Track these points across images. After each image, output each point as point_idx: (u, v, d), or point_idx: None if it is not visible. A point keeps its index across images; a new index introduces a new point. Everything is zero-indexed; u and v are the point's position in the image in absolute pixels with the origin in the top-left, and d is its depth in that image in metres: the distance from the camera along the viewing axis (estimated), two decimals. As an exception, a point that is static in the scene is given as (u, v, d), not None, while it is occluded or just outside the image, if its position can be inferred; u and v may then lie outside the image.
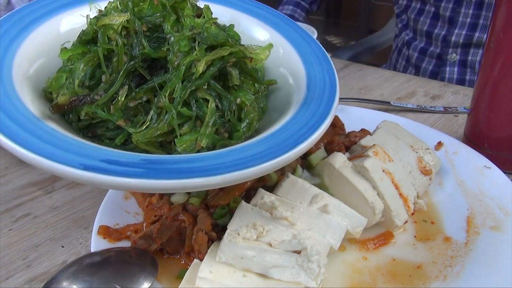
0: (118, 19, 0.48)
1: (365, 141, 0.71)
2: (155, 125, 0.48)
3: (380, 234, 0.64)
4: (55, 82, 0.49)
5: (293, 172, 0.66)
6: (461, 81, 1.36)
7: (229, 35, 0.53)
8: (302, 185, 0.61)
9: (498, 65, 0.71)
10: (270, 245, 0.54)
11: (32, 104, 0.45)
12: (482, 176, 0.70)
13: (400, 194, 0.65)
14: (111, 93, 0.47)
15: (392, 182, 0.65)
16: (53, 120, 0.46)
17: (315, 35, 1.12)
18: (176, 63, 0.48)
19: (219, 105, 0.51)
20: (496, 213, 0.63)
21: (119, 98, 0.48)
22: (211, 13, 0.54)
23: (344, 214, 0.60)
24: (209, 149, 0.49)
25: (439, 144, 0.80)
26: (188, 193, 0.65)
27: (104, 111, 0.48)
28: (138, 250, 0.60)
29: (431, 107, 1.03)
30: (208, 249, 0.57)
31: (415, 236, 0.64)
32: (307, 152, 0.69)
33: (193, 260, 0.57)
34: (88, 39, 0.50)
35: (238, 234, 0.54)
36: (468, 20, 1.28)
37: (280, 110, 0.54)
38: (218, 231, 0.60)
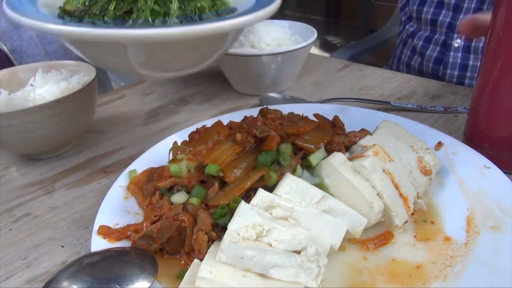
0: None
1: (365, 141, 0.71)
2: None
3: (380, 234, 0.64)
4: (66, 1, 0.64)
5: (293, 172, 0.66)
6: (464, 66, 1.36)
7: None
8: (302, 185, 0.61)
9: (498, 65, 0.71)
10: (270, 245, 0.54)
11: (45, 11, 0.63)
12: (482, 176, 0.70)
13: (400, 194, 0.65)
14: (102, 1, 0.60)
15: (392, 182, 0.65)
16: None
17: (315, 35, 1.12)
18: None
19: (182, 6, 0.60)
20: (496, 213, 0.63)
21: (109, 8, 0.59)
22: None
23: (344, 214, 0.60)
24: None
25: (439, 144, 0.80)
26: (188, 193, 0.65)
27: (100, 20, 0.59)
28: (138, 250, 0.60)
29: (431, 107, 1.03)
30: (208, 249, 0.57)
31: (415, 236, 0.64)
32: (307, 152, 0.69)
33: (193, 260, 0.57)
34: None
35: (238, 234, 0.54)
36: (473, 5, 1.29)
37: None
38: (218, 231, 0.61)
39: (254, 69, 1.09)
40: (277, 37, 1.14)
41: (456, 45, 1.36)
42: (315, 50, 1.20)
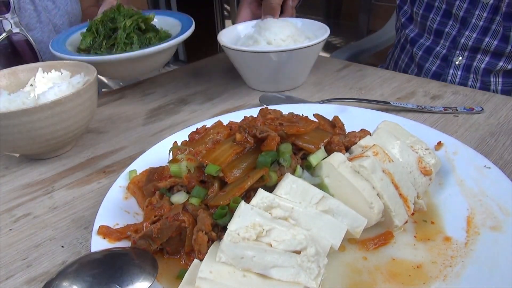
0: (97, 18, 1.18)
1: (365, 141, 0.71)
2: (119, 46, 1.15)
3: (380, 234, 0.64)
4: (81, 44, 1.18)
5: (293, 172, 0.66)
6: (462, 86, 1.34)
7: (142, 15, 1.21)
8: (302, 185, 0.61)
9: None
10: (270, 245, 0.54)
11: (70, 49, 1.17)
12: (482, 176, 0.70)
13: (400, 194, 0.65)
14: (98, 42, 1.16)
15: (392, 182, 0.65)
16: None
17: (327, 32, 1.14)
18: (121, 25, 1.15)
19: (140, 39, 1.16)
20: (496, 213, 0.63)
21: (102, 45, 1.15)
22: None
23: (344, 214, 0.60)
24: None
25: (439, 144, 0.80)
26: (188, 193, 0.65)
27: (99, 52, 1.16)
28: (138, 250, 0.60)
29: (431, 107, 1.03)
30: (208, 249, 0.57)
31: (415, 236, 0.64)
32: (307, 152, 0.69)
33: (193, 260, 0.57)
34: (90, 28, 1.18)
35: (238, 234, 0.54)
36: (481, 23, 1.24)
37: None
38: (218, 231, 0.61)
39: (274, 65, 1.10)
40: (291, 33, 1.15)
41: (457, 62, 1.32)
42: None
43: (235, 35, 1.26)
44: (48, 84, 0.96)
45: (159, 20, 1.26)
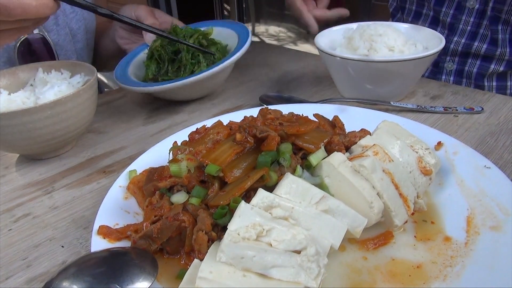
0: (155, 44, 1.17)
1: (365, 141, 0.71)
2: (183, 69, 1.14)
3: (380, 234, 0.64)
4: (146, 74, 1.17)
5: (293, 172, 0.66)
6: None
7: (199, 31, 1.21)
8: (302, 185, 0.61)
9: None
10: (270, 245, 0.54)
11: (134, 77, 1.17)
12: (482, 176, 0.70)
13: (400, 194, 0.65)
14: (164, 69, 1.15)
15: (392, 182, 0.65)
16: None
17: (443, 42, 1.00)
18: (183, 47, 1.14)
19: (203, 59, 1.15)
20: (496, 213, 0.63)
21: (169, 70, 1.14)
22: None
23: (344, 214, 0.60)
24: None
25: (439, 144, 0.80)
26: (188, 193, 0.65)
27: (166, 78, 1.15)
28: (138, 250, 0.60)
29: (431, 107, 1.03)
30: (208, 249, 0.57)
31: (415, 236, 0.64)
32: (307, 152, 0.69)
33: (193, 260, 0.57)
34: (151, 55, 1.17)
35: (238, 234, 0.54)
36: (469, 28, 1.25)
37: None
38: (218, 231, 0.61)
39: (394, 74, 0.99)
40: (404, 40, 1.04)
41: (448, 68, 1.33)
42: (315, 50, 1.19)
43: (331, 39, 1.14)
44: (48, 84, 0.97)
45: (215, 32, 1.25)
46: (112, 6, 1.22)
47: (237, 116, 0.88)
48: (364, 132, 0.76)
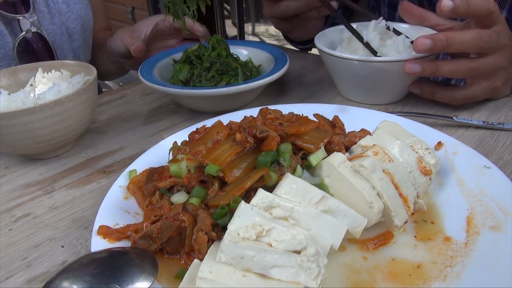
0: (191, 48, 1.13)
1: (365, 141, 0.71)
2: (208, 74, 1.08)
3: (380, 234, 0.64)
4: (176, 76, 1.11)
5: (293, 172, 0.66)
6: None
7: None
8: (302, 185, 0.61)
9: None
10: (270, 245, 0.54)
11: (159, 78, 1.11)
12: (482, 176, 0.70)
13: (400, 194, 0.65)
14: (197, 74, 1.08)
15: (392, 182, 0.65)
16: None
17: None
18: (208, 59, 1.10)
19: (242, 72, 1.09)
20: (496, 213, 0.63)
21: (203, 76, 1.08)
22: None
23: (344, 214, 0.60)
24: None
25: (439, 144, 0.80)
26: (188, 193, 0.65)
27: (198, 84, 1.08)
28: (138, 250, 0.60)
29: (499, 123, 0.93)
30: (208, 249, 0.57)
31: (415, 236, 0.64)
32: (307, 152, 0.69)
33: (193, 260, 0.57)
34: (185, 59, 1.12)
35: (238, 234, 0.54)
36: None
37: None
38: (218, 231, 0.61)
39: (389, 75, 0.98)
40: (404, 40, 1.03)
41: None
42: (315, 50, 1.19)
43: (331, 39, 1.14)
44: (48, 84, 0.96)
45: (249, 52, 1.22)
46: (110, 5, 1.22)
47: (237, 116, 0.88)
48: (364, 132, 0.76)
